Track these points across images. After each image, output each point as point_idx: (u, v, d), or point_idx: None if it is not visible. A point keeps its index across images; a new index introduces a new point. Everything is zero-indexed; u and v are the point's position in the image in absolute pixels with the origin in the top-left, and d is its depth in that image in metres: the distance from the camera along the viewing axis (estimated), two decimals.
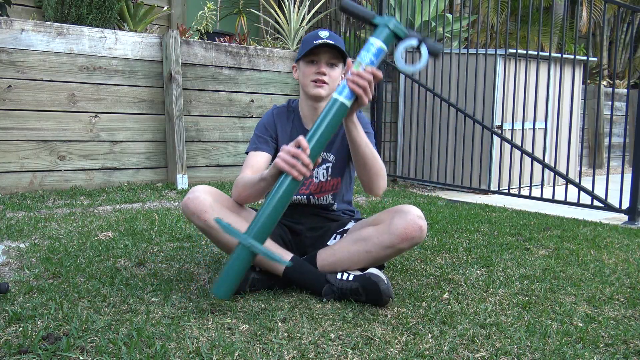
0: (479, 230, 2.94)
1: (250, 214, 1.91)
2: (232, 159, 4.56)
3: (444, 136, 4.82)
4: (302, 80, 1.89)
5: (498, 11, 4.97)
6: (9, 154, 3.63)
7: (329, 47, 1.82)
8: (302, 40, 1.89)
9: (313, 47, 1.81)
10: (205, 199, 1.74)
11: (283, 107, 2.00)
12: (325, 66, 1.85)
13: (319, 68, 1.84)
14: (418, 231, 1.73)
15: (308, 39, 1.85)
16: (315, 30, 1.86)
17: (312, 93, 1.87)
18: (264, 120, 1.98)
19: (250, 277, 1.76)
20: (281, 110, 1.99)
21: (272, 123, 1.96)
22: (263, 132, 1.95)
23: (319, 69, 1.84)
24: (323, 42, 1.80)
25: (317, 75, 1.84)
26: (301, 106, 1.97)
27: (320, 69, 1.84)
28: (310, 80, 1.85)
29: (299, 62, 1.90)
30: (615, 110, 8.02)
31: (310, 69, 1.85)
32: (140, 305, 1.64)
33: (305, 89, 1.89)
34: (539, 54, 4.02)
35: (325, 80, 1.85)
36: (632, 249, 2.62)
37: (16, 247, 2.29)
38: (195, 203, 1.73)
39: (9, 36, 3.60)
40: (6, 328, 1.43)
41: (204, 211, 1.72)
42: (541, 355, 1.38)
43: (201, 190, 1.76)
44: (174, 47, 4.11)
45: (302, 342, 1.40)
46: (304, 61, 1.87)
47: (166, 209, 3.26)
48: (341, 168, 1.98)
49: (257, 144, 1.94)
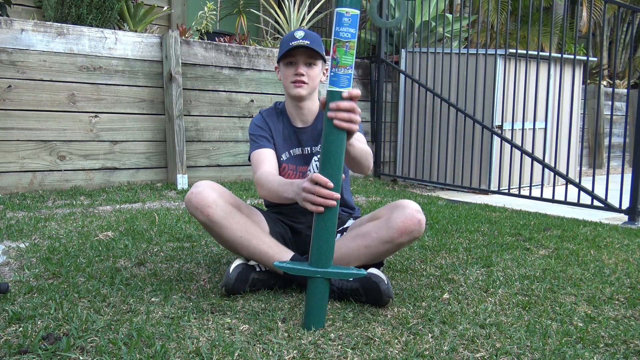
0: (479, 230, 2.94)
1: (252, 211, 1.91)
2: (232, 159, 4.56)
3: (444, 136, 4.82)
4: (283, 81, 1.93)
5: (498, 11, 4.97)
6: (9, 154, 3.63)
7: (305, 47, 1.84)
8: (280, 43, 1.92)
9: (289, 49, 1.83)
10: (209, 195, 1.74)
11: (271, 109, 2.04)
12: (303, 66, 1.87)
13: (297, 69, 1.87)
14: (417, 225, 1.73)
15: (285, 40, 1.88)
16: (292, 31, 1.89)
17: (293, 94, 1.90)
18: (256, 122, 2.00)
19: (250, 277, 1.76)
20: (270, 112, 2.03)
21: (264, 123, 1.99)
22: (259, 131, 1.98)
23: (297, 70, 1.87)
24: (298, 44, 1.82)
25: (296, 76, 1.87)
26: (287, 106, 2.00)
27: (298, 70, 1.87)
28: (290, 81, 1.89)
29: (279, 63, 1.93)
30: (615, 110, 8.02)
31: (289, 70, 1.89)
32: (140, 305, 1.64)
33: (287, 90, 1.93)
34: (539, 54, 4.02)
35: (304, 80, 1.88)
36: (632, 249, 2.62)
37: (16, 247, 2.29)
38: (199, 198, 1.73)
39: (9, 36, 3.60)
40: (6, 328, 1.43)
41: (207, 206, 1.73)
42: (541, 355, 1.38)
43: (205, 186, 1.76)
44: (174, 47, 4.11)
45: (302, 342, 1.40)
46: (283, 63, 1.90)
47: (166, 209, 3.26)
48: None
49: (258, 142, 1.96)
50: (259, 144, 1.95)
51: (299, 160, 1.98)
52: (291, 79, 1.88)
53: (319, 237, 1.50)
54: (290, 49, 1.83)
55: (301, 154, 1.98)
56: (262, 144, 1.95)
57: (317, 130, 1.96)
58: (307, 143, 1.97)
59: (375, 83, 5.40)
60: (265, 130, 1.97)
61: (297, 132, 1.98)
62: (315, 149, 1.98)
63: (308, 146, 1.97)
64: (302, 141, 1.98)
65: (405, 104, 5.30)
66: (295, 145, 1.98)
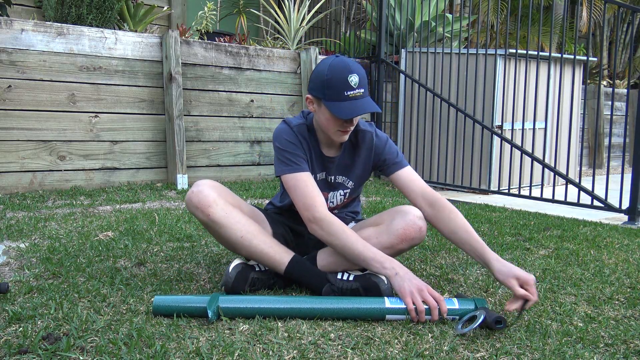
0: (479, 230, 2.94)
1: (253, 211, 1.91)
2: (232, 159, 4.56)
3: (444, 136, 4.82)
4: (325, 124, 1.76)
5: (498, 11, 4.97)
6: (9, 154, 3.63)
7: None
8: (329, 82, 1.70)
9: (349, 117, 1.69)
10: (209, 194, 1.73)
11: (302, 125, 1.85)
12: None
13: (350, 123, 1.75)
14: (417, 232, 1.73)
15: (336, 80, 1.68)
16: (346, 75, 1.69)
17: (338, 140, 1.80)
18: (288, 138, 1.80)
19: (249, 276, 1.75)
20: (301, 128, 1.84)
21: (297, 139, 1.81)
22: (294, 149, 1.79)
23: (350, 123, 1.75)
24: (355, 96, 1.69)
25: (347, 125, 1.75)
26: (317, 130, 1.86)
27: (352, 123, 1.75)
28: (337, 129, 1.76)
29: (319, 99, 1.74)
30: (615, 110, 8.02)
31: (338, 120, 1.73)
32: (140, 305, 1.64)
33: (328, 132, 1.79)
34: (539, 54, 4.02)
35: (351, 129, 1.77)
36: (632, 249, 2.62)
37: (16, 247, 2.29)
38: (200, 197, 1.73)
39: (9, 36, 3.60)
40: (6, 328, 1.43)
41: (208, 205, 1.72)
42: (541, 355, 1.38)
43: (206, 185, 1.75)
44: (174, 47, 4.11)
45: (302, 342, 1.40)
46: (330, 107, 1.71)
47: (166, 209, 3.26)
48: (356, 191, 2.00)
49: (297, 163, 1.77)
50: (298, 165, 1.77)
51: (322, 185, 1.89)
52: (339, 128, 1.75)
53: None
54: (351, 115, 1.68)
55: (325, 179, 1.91)
56: (301, 166, 1.77)
57: (343, 162, 1.90)
58: (332, 172, 1.90)
59: (375, 83, 5.40)
60: (300, 149, 1.80)
61: (325, 159, 1.87)
62: (338, 179, 1.92)
63: (333, 175, 1.91)
64: (328, 169, 1.89)
65: (405, 104, 5.30)
66: (321, 170, 1.89)
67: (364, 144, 1.90)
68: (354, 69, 1.70)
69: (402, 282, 1.58)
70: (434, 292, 1.58)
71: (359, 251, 1.65)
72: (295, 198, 1.75)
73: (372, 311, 1.55)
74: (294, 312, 1.55)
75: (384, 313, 1.55)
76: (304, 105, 4.90)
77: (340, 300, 1.58)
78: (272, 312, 1.55)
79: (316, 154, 1.87)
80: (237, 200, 1.85)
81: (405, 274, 1.60)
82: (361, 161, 1.91)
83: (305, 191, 1.73)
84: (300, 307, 1.55)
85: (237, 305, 1.54)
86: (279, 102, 4.82)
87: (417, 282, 1.58)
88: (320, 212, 1.70)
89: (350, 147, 1.90)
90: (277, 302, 1.56)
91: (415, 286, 1.57)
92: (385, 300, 1.57)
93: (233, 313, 1.54)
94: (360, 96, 1.71)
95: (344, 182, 1.94)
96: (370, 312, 1.55)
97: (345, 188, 1.95)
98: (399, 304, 1.56)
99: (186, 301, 1.56)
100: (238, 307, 1.54)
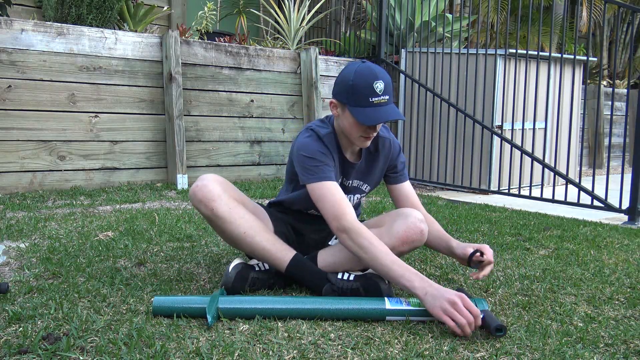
0: (479, 230, 2.94)
1: (256, 208, 1.91)
2: (232, 159, 4.56)
3: (444, 136, 4.82)
4: (348, 129, 1.76)
5: (498, 11, 4.98)
6: (9, 154, 3.63)
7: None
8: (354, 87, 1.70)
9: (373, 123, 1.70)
10: (214, 188, 1.73)
11: (330, 135, 1.83)
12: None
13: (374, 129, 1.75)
14: (418, 234, 1.73)
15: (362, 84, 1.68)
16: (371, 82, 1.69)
17: (358, 145, 1.80)
18: (317, 147, 1.77)
19: (249, 276, 1.75)
20: (329, 137, 1.82)
21: (326, 149, 1.79)
22: (324, 158, 1.76)
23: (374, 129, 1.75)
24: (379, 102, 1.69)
25: (369, 132, 1.75)
26: (339, 135, 1.85)
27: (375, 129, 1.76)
28: (360, 135, 1.76)
29: (343, 104, 1.74)
30: (615, 110, 8.02)
31: (362, 126, 1.74)
32: (140, 305, 1.64)
33: (349, 136, 1.79)
34: (539, 54, 4.02)
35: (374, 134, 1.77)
36: (632, 249, 2.62)
37: (16, 247, 2.29)
38: (204, 191, 1.72)
39: (9, 36, 3.60)
40: (6, 328, 1.43)
41: (212, 200, 1.72)
42: (541, 355, 1.38)
43: (210, 179, 1.75)
44: (174, 47, 4.11)
45: (302, 342, 1.40)
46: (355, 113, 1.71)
47: (166, 209, 3.26)
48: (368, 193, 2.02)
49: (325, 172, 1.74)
50: (325, 174, 1.74)
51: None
52: (362, 133, 1.75)
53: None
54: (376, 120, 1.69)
55: (341, 183, 1.90)
56: (328, 175, 1.74)
57: (362, 169, 1.91)
58: (351, 176, 1.90)
59: None
60: (330, 158, 1.78)
61: (345, 163, 1.87)
62: (355, 183, 1.93)
63: (350, 179, 1.91)
64: (347, 173, 1.89)
65: (405, 104, 5.30)
66: (340, 174, 1.89)
67: (384, 150, 1.93)
68: (380, 76, 1.70)
69: (433, 302, 1.50)
70: (469, 302, 1.48)
71: (388, 267, 1.60)
72: (323, 208, 1.72)
73: (372, 312, 1.55)
74: (294, 313, 1.55)
75: (384, 314, 1.55)
76: (304, 105, 4.90)
77: (341, 301, 1.58)
78: (272, 313, 1.55)
79: (339, 159, 1.86)
80: (241, 196, 1.85)
81: (436, 292, 1.52)
82: (379, 167, 1.94)
83: (333, 200, 1.70)
84: (300, 308, 1.55)
85: (237, 306, 1.54)
86: (279, 102, 4.82)
87: (448, 296, 1.49)
88: (349, 221, 1.67)
89: (370, 152, 1.92)
90: (277, 303, 1.56)
91: (448, 300, 1.49)
92: (386, 301, 1.57)
93: (233, 314, 1.54)
94: (385, 103, 1.71)
95: (360, 187, 1.95)
96: (370, 313, 1.55)
97: (362, 192, 1.97)
98: (399, 305, 1.56)
99: (186, 302, 1.56)
100: (238, 308, 1.54)
